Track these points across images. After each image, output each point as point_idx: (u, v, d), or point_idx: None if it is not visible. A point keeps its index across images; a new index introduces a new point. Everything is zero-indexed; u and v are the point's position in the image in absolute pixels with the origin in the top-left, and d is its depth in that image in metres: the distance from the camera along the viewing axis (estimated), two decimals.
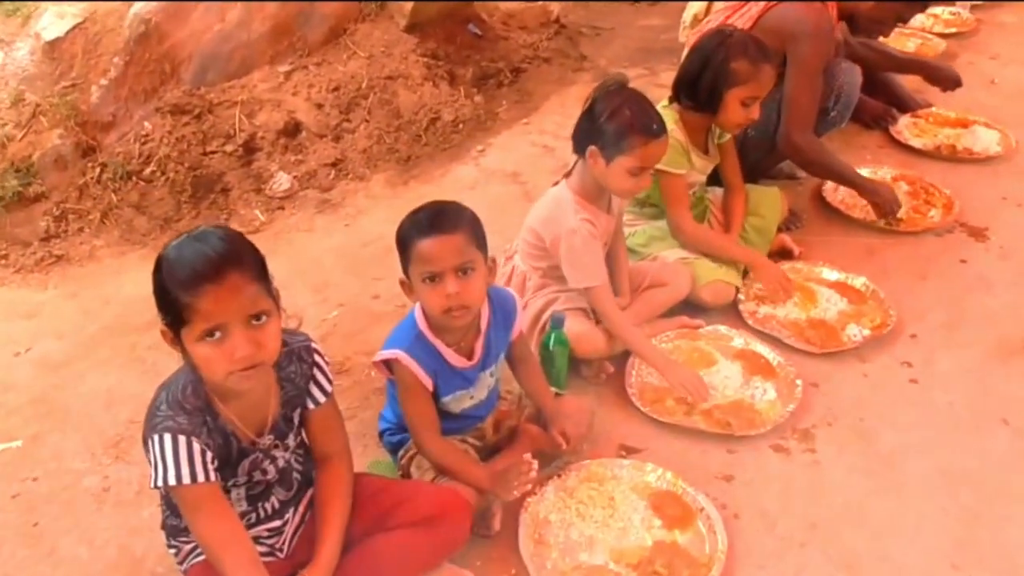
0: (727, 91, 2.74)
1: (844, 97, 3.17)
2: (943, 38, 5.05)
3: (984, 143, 3.89)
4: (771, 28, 3.08)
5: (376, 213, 3.57)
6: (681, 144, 2.83)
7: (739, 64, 2.71)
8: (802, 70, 3.05)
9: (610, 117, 2.42)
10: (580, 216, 2.51)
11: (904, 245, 3.27)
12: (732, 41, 2.75)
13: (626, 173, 2.45)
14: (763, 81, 2.75)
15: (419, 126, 4.04)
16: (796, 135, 3.10)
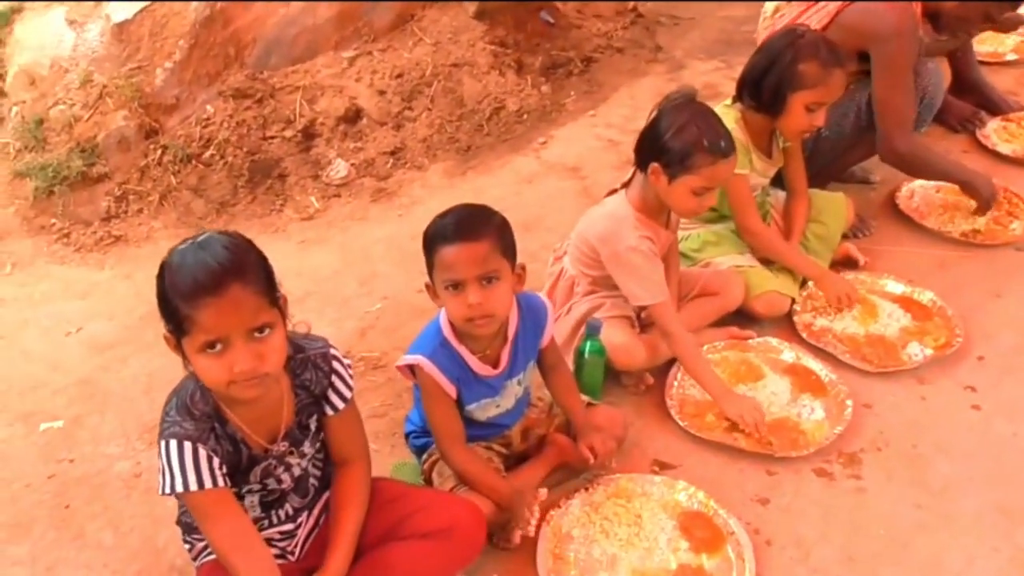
0: (792, 94, 2.61)
1: (928, 99, 2.99)
2: None
3: None
4: (850, 26, 2.92)
5: (430, 204, 3.52)
6: (742, 145, 2.70)
7: (808, 67, 2.58)
8: (891, 71, 2.88)
9: (676, 134, 2.31)
10: (640, 233, 2.42)
11: (980, 259, 3.07)
12: (802, 42, 2.61)
13: (690, 193, 2.35)
14: (831, 87, 2.61)
15: (482, 115, 3.98)
16: (897, 140, 2.96)
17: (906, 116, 2.93)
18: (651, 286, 2.41)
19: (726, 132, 2.34)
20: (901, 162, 3.05)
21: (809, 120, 2.63)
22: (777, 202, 2.99)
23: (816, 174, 3.12)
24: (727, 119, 2.67)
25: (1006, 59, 4.51)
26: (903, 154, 2.98)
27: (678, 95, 2.40)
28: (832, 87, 2.62)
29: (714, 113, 2.38)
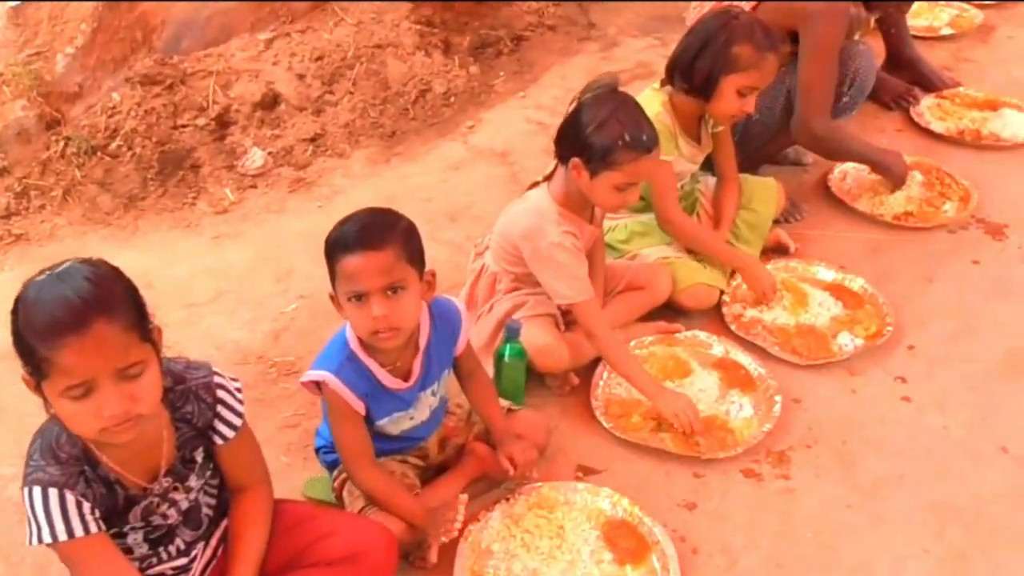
0: (724, 77, 2.51)
1: (859, 81, 2.92)
2: (982, 8, 4.69)
3: (1013, 129, 3.60)
4: (780, 6, 2.83)
5: (353, 194, 3.38)
6: (668, 130, 2.61)
7: (742, 49, 2.49)
8: (816, 52, 2.81)
9: (597, 129, 2.19)
10: (563, 229, 2.31)
11: (912, 242, 3.02)
12: (736, 23, 2.52)
13: (612, 188, 2.24)
14: (765, 71, 2.53)
15: (407, 99, 3.83)
16: (814, 123, 2.88)
17: (825, 98, 2.86)
18: (575, 284, 2.31)
19: (649, 125, 2.24)
20: (816, 144, 3.00)
21: (740, 105, 2.55)
22: (707, 188, 2.91)
23: (747, 158, 3.04)
24: (654, 103, 2.58)
25: (941, 33, 4.46)
26: (819, 136, 2.92)
27: (599, 85, 2.29)
28: (765, 71, 2.54)
29: (637, 105, 2.27)
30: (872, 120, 3.74)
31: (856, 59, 2.90)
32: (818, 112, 2.85)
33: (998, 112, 3.70)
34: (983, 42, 4.42)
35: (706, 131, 2.73)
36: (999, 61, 4.22)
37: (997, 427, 2.35)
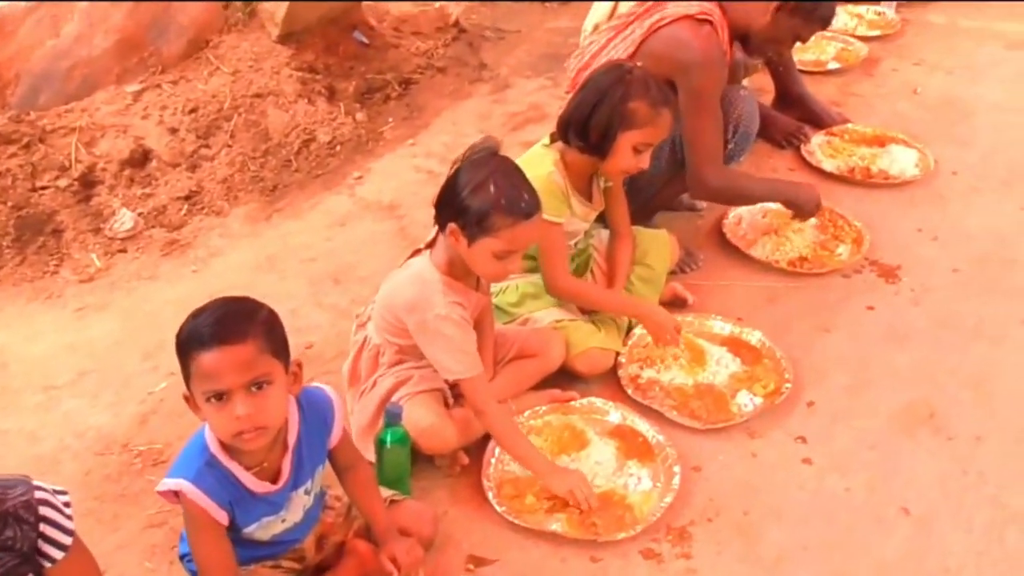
0: (621, 134, 2.41)
1: (743, 128, 2.86)
2: (866, 41, 4.75)
3: (901, 165, 3.61)
4: (655, 55, 2.77)
5: (230, 256, 3.19)
6: (560, 190, 2.50)
7: (638, 105, 2.39)
8: (698, 102, 2.74)
9: (473, 193, 2.07)
10: (449, 299, 2.16)
11: (808, 289, 2.98)
12: (631, 79, 2.42)
13: (491, 256, 2.11)
14: (660, 126, 2.44)
15: (290, 150, 3.66)
16: (708, 174, 2.81)
17: (715, 148, 2.80)
18: (463, 358, 2.18)
19: (529, 190, 2.12)
20: (715, 196, 2.95)
21: (636, 161, 2.46)
22: (600, 243, 2.81)
23: (637, 210, 2.96)
24: (545, 162, 2.48)
25: (828, 68, 4.49)
26: (715, 188, 2.86)
27: (479, 148, 2.17)
28: (661, 127, 2.45)
29: (516, 169, 2.16)
30: (765, 159, 3.71)
31: (738, 105, 2.85)
32: (709, 163, 2.79)
33: (886, 148, 3.71)
34: (868, 75, 4.46)
35: (598, 188, 2.64)
36: (884, 95, 4.26)
37: (897, 487, 2.29)
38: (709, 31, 2.72)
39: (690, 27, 2.72)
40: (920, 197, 3.46)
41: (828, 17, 2.88)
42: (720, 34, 2.76)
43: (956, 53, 4.70)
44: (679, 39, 2.72)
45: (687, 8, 2.76)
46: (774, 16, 2.79)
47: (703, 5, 2.76)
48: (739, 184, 2.93)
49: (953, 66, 4.56)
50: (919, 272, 3.04)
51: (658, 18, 2.79)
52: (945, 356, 2.69)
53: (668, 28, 2.75)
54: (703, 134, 2.76)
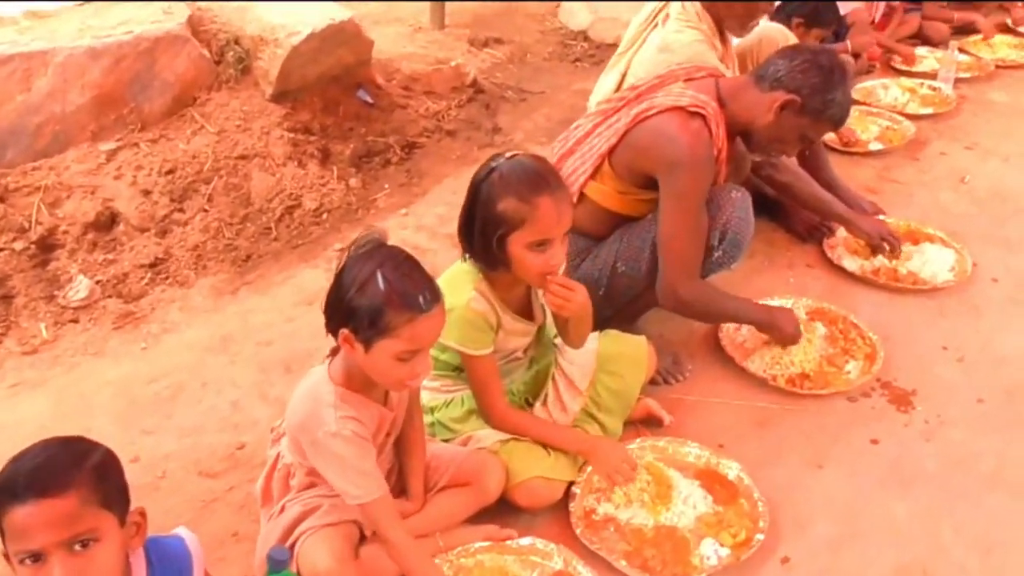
0: (507, 239, 2.09)
1: (732, 233, 2.53)
2: (916, 120, 4.38)
3: (934, 267, 3.24)
4: (639, 147, 2.50)
5: (185, 333, 2.99)
6: (484, 318, 2.18)
7: (506, 204, 2.05)
8: (678, 204, 2.45)
9: (361, 290, 1.82)
10: (341, 414, 1.91)
11: (806, 413, 2.63)
12: (495, 176, 2.09)
13: (393, 360, 1.85)
14: (543, 217, 2.05)
15: (271, 216, 3.46)
16: (679, 285, 2.51)
17: (690, 256, 2.49)
18: (360, 479, 1.91)
19: (425, 280, 1.85)
20: (684, 310, 2.63)
21: (544, 261, 2.10)
22: (564, 351, 2.51)
23: (616, 314, 2.68)
24: (464, 288, 2.19)
25: (869, 149, 4.13)
26: (685, 301, 2.55)
27: (364, 241, 1.91)
28: (544, 217, 2.05)
29: (408, 258, 1.89)
30: (781, 253, 3.38)
31: (727, 208, 2.52)
32: (682, 273, 2.49)
33: (919, 247, 3.34)
34: (913, 159, 4.10)
35: (536, 299, 2.35)
36: (927, 183, 3.89)
37: None
38: (699, 127, 2.43)
39: (679, 120, 2.44)
40: (951, 307, 3.08)
41: (841, 118, 2.56)
42: (714, 129, 2.46)
43: (1014, 138, 4.31)
44: (664, 133, 2.44)
45: (678, 99, 2.47)
46: (778, 114, 2.48)
47: (698, 97, 2.48)
48: (712, 301, 2.61)
49: (1010, 152, 4.16)
50: (937, 400, 2.67)
51: (645, 107, 2.51)
52: (953, 507, 2.32)
53: (655, 119, 2.48)
54: (678, 239, 2.46)
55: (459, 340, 2.18)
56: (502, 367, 2.36)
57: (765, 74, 2.51)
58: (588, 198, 2.66)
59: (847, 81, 2.53)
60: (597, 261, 2.67)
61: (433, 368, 2.35)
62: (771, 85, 2.50)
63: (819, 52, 2.52)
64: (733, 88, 2.56)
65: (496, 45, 5.07)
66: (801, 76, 2.47)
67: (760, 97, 2.51)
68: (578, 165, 2.66)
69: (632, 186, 2.58)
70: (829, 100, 2.48)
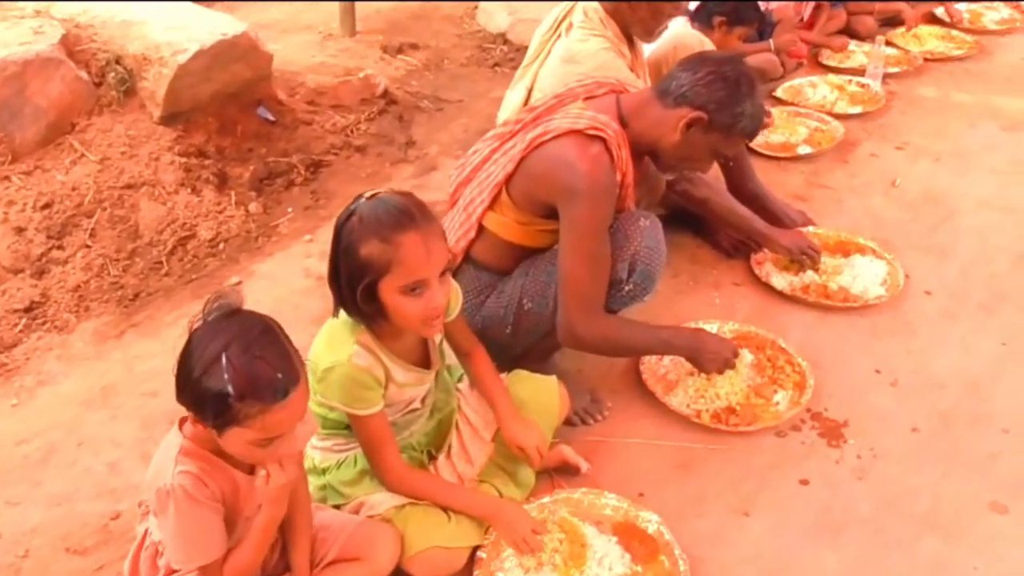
0: (377, 286, 1.86)
1: (642, 265, 2.34)
2: (845, 119, 4.25)
3: (865, 281, 3.09)
4: (536, 175, 2.31)
5: (62, 385, 2.74)
6: (370, 374, 1.96)
7: (369, 248, 1.83)
8: (577, 236, 2.25)
9: (207, 373, 1.58)
10: (179, 468, 1.68)
11: (732, 452, 2.46)
12: (354, 220, 1.86)
13: (249, 446, 1.64)
14: (410, 257, 1.83)
15: (162, 249, 3.21)
16: (577, 323, 2.30)
17: (589, 291, 2.28)
18: (187, 545, 1.70)
19: (281, 362, 1.61)
20: (586, 348, 2.43)
21: (422, 305, 1.88)
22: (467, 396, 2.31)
23: (523, 355, 2.48)
24: (344, 343, 1.97)
25: (798, 152, 3.98)
26: (586, 340, 2.35)
27: (216, 306, 1.68)
28: (412, 258, 1.83)
29: (267, 332, 1.65)
30: (708, 271, 3.21)
31: (636, 238, 2.32)
32: (581, 310, 2.29)
33: (849, 260, 3.19)
34: (842, 162, 3.96)
35: (432, 344, 2.14)
36: (858, 188, 3.75)
37: None
38: (598, 151, 2.24)
39: (576, 145, 2.24)
40: (883, 325, 2.93)
41: (754, 131, 2.38)
42: (615, 152, 2.27)
43: (946, 135, 4.19)
44: (561, 160, 2.24)
45: (575, 121, 2.28)
46: (685, 132, 2.30)
47: (597, 119, 2.28)
48: (620, 337, 2.40)
49: (941, 151, 4.05)
50: (870, 431, 2.52)
51: (541, 131, 2.31)
52: (886, 556, 2.16)
53: (551, 145, 2.28)
54: (577, 273, 2.26)
55: (344, 400, 1.97)
56: (399, 420, 2.15)
57: (668, 89, 2.33)
58: (488, 230, 2.45)
59: (756, 91, 2.34)
60: (502, 297, 2.46)
61: (323, 427, 2.16)
62: (675, 101, 2.31)
63: (723, 63, 2.33)
64: (636, 105, 2.37)
65: (411, 51, 4.83)
66: (706, 90, 2.28)
67: (664, 114, 2.32)
68: (475, 195, 2.45)
69: (533, 216, 2.38)
70: (738, 114, 2.30)
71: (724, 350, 2.49)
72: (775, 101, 4.46)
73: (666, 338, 2.53)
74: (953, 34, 5.32)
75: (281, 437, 1.66)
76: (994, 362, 2.76)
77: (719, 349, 2.49)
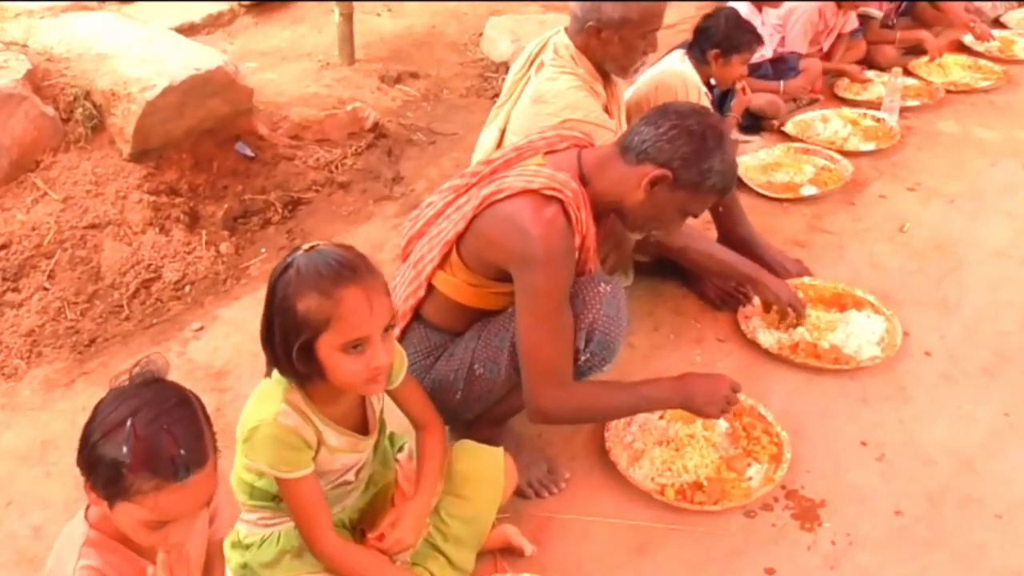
0: (314, 343, 1.72)
1: (599, 335, 2.16)
2: (856, 157, 4.03)
3: (860, 340, 2.88)
4: (488, 238, 2.15)
5: (4, 437, 2.63)
6: (297, 435, 1.81)
7: (307, 302, 1.69)
8: (534, 306, 2.09)
9: (107, 437, 1.46)
10: (82, 563, 1.54)
11: (695, 533, 2.27)
12: (291, 273, 1.72)
13: (140, 526, 1.51)
14: (351, 312, 1.69)
15: (124, 292, 3.10)
16: (544, 398, 2.13)
17: (552, 363, 2.11)
18: None
19: (190, 441, 1.48)
20: (555, 422, 2.27)
21: (363, 364, 1.74)
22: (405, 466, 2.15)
23: (476, 420, 2.32)
24: (271, 399, 1.83)
25: (802, 194, 3.78)
26: (553, 414, 2.17)
27: (138, 371, 1.56)
28: (353, 313, 1.70)
29: (183, 405, 1.52)
30: (691, 325, 3.03)
31: (594, 305, 2.15)
32: (546, 383, 2.11)
33: (844, 315, 2.99)
34: (848, 203, 3.75)
35: (372, 406, 1.98)
36: (862, 232, 3.54)
37: None
38: (554, 214, 2.07)
39: (531, 207, 2.07)
40: (875, 390, 2.72)
41: (725, 187, 2.20)
42: (574, 214, 2.10)
43: (962, 174, 3.96)
44: (514, 223, 2.07)
45: (531, 180, 2.11)
46: (650, 191, 2.13)
47: (555, 177, 2.11)
48: (593, 404, 2.22)
49: (956, 193, 3.82)
50: (848, 513, 2.31)
51: (494, 189, 2.15)
52: None
53: (504, 206, 2.11)
54: (537, 345, 2.09)
55: (270, 462, 1.81)
56: (330, 494, 2.00)
57: (630, 145, 2.16)
58: (438, 290, 2.30)
59: (724, 144, 2.15)
60: (452, 360, 2.31)
61: (250, 497, 2.01)
62: (638, 158, 2.14)
63: (687, 115, 2.15)
64: (597, 162, 2.20)
65: (410, 80, 4.71)
66: (669, 146, 2.11)
67: (627, 172, 2.15)
68: (426, 252, 2.30)
69: (484, 278, 2.22)
70: (705, 170, 2.12)
71: (719, 388, 2.23)
72: (782, 137, 4.26)
73: (647, 393, 2.28)
74: (980, 63, 5.06)
75: (175, 523, 1.52)
76: (992, 435, 2.54)
77: (713, 389, 2.23)
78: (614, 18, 2.63)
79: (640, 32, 2.66)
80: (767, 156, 4.05)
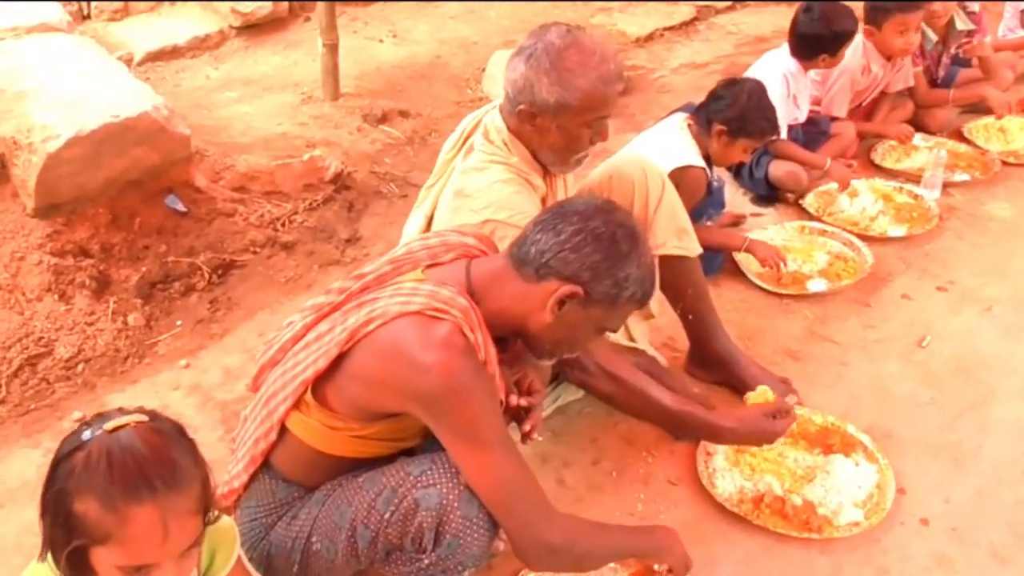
0: (90, 553, 1.36)
1: (450, 537, 1.71)
2: (882, 244, 3.48)
3: (841, 495, 2.36)
4: (368, 380, 1.77)
5: None
6: None
7: (86, 506, 1.33)
8: (469, 449, 1.71)
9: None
10: None
11: None
12: (79, 458, 1.35)
13: None
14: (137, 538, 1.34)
15: (6, 369, 2.74)
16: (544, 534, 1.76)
17: (529, 496, 1.76)
18: None
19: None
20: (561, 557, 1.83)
21: None
22: None
23: None
24: None
25: (809, 290, 3.25)
26: (559, 548, 1.79)
27: None
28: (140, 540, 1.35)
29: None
30: (640, 460, 2.54)
31: (448, 496, 1.69)
32: (538, 515, 1.76)
33: (828, 460, 2.47)
34: (863, 304, 3.20)
35: None
36: (872, 345, 2.99)
37: None
38: (447, 332, 1.67)
39: (415, 330, 1.68)
40: (851, 569, 2.21)
41: (645, 295, 1.80)
42: (469, 335, 1.70)
43: (1008, 274, 3.37)
44: (400, 354, 1.68)
45: (407, 301, 1.71)
46: (558, 312, 1.71)
47: (437, 295, 1.71)
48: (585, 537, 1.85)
49: (996, 297, 3.23)
50: None
51: (364, 319, 1.73)
52: None
53: (380, 336, 1.71)
54: (498, 484, 1.72)
55: None
56: None
57: (525, 258, 1.75)
58: (291, 432, 1.88)
59: (639, 245, 1.76)
60: (293, 525, 1.88)
61: None
62: (538, 272, 1.74)
63: (591, 215, 1.75)
64: (489, 277, 1.80)
65: (397, 120, 4.29)
66: (574, 256, 1.71)
67: (527, 290, 1.75)
68: (279, 387, 1.87)
69: (351, 421, 1.80)
70: (621, 280, 1.74)
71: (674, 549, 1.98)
72: (800, 212, 3.72)
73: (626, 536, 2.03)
74: None
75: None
76: None
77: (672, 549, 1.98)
78: (549, 103, 2.15)
79: (582, 120, 2.19)
80: (776, 235, 3.51)
